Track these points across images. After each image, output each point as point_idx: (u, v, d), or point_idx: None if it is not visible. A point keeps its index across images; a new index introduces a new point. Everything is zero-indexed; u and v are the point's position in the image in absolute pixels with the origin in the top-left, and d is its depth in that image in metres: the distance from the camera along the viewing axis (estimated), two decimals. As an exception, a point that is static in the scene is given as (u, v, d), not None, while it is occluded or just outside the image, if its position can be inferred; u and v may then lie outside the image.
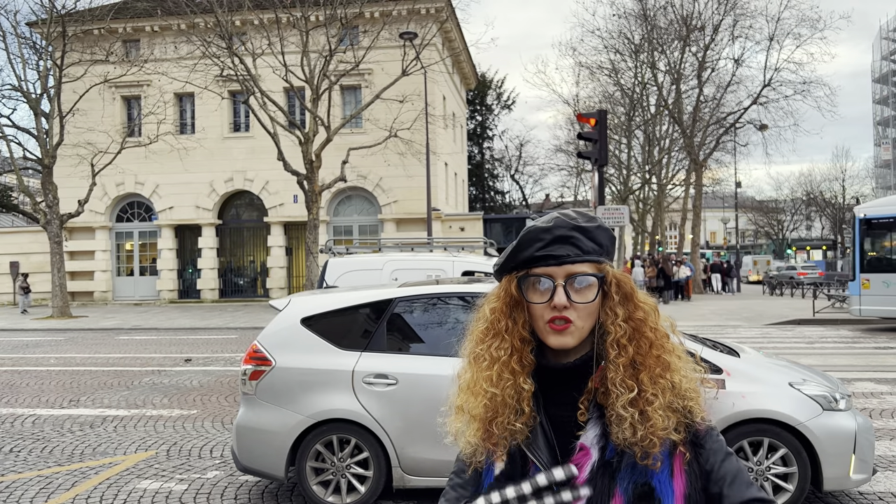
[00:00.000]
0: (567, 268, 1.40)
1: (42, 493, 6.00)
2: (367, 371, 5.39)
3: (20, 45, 25.91)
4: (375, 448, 5.32)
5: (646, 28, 36.56)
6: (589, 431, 1.39)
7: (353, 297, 5.79)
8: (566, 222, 1.43)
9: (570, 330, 1.39)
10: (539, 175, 58.95)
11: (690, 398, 1.40)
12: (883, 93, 66.45)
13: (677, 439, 1.37)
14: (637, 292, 1.46)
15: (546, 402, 1.45)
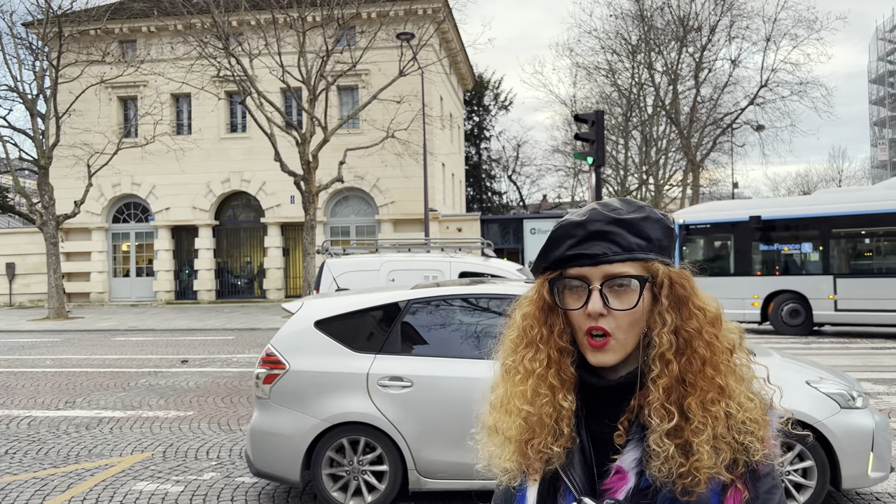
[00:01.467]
0: (604, 268, 1.20)
1: (37, 495, 5.97)
2: (381, 373, 5.37)
3: (16, 46, 25.87)
4: (391, 451, 5.30)
5: (643, 29, 36.61)
6: (628, 453, 1.20)
7: (367, 300, 5.77)
8: (603, 215, 1.23)
9: (609, 345, 1.20)
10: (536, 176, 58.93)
11: (750, 431, 1.16)
12: (879, 93, 66.59)
13: (727, 479, 1.15)
14: (696, 296, 1.23)
15: (588, 417, 1.26)
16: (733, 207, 19.05)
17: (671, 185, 43.83)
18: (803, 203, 18.59)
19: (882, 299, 16.00)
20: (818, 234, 17.06)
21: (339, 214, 32.55)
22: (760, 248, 17.74)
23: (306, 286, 23.46)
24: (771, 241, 17.72)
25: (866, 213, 16.57)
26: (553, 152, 51.00)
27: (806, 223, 17.31)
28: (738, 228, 17.87)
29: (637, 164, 43.81)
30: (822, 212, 17.05)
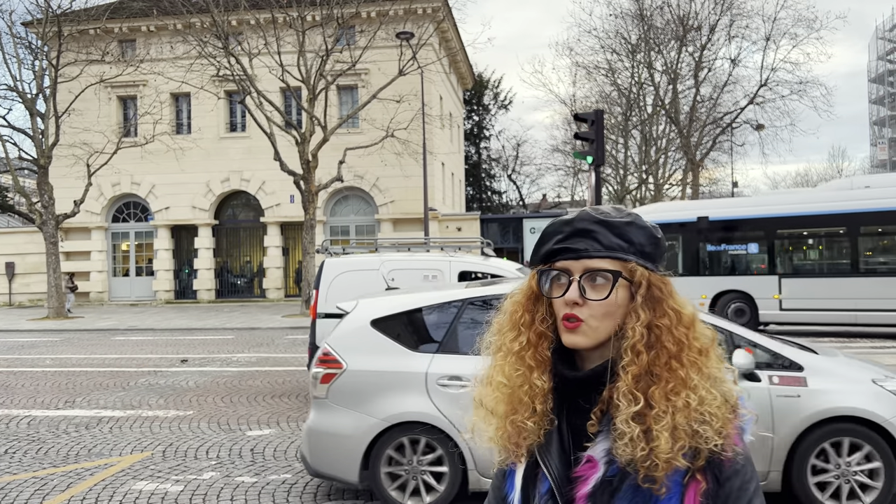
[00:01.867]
0: (585, 262, 1.31)
1: (37, 494, 5.97)
2: (440, 373, 5.33)
3: (15, 45, 25.86)
4: (451, 451, 5.24)
5: (642, 28, 36.61)
6: (599, 443, 1.29)
7: (423, 299, 5.76)
8: (590, 215, 1.35)
9: (581, 329, 1.30)
10: (536, 175, 58.79)
11: (710, 423, 1.24)
12: (879, 93, 66.60)
13: (682, 466, 1.23)
14: (672, 298, 1.33)
15: (569, 409, 1.36)
16: (682, 208, 19.37)
17: (671, 185, 43.83)
18: (749, 204, 18.88)
19: (826, 299, 16.31)
20: (764, 234, 17.35)
21: (338, 214, 32.55)
22: (708, 249, 18.03)
23: (306, 286, 23.47)
24: (718, 241, 17.94)
25: (810, 214, 16.97)
26: (553, 151, 51.02)
27: (752, 224, 17.52)
28: (686, 229, 18.08)
29: (637, 164, 43.81)
30: (767, 213, 17.37)
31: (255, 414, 8.94)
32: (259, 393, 10.36)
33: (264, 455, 7.04)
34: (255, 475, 6.38)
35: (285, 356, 14.59)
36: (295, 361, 13.73)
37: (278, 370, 12.61)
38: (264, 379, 11.63)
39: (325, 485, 6.06)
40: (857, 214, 16.35)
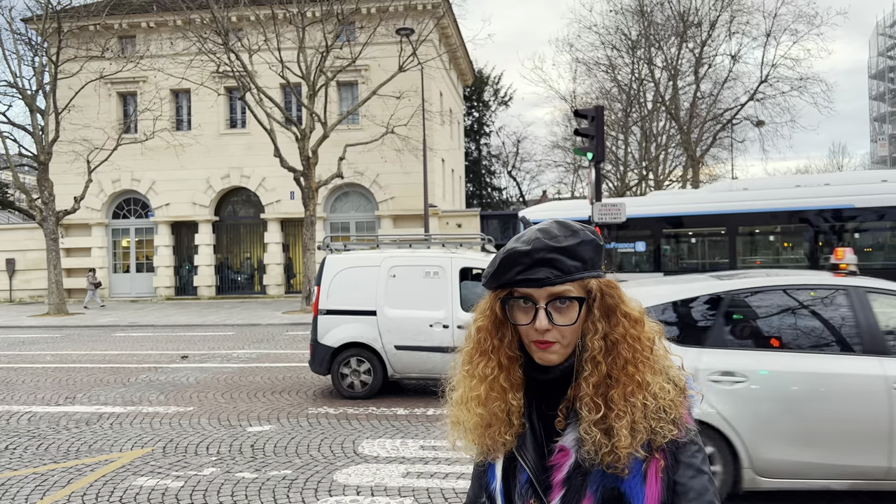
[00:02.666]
0: (548, 289, 1.40)
1: (38, 490, 5.99)
2: (710, 368, 5.11)
3: (15, 42, 25.82)
4: (723, 448, 5.05)
5: (643, 24, 36.57)
6: (569, 434, 1.42)
7: (683, 291, 5.57)
8: (545, 244, 1.41)
9: (554, 349, 1.42)
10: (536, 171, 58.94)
11: (662, 417, 1.38)
12: (879, 89, 66.50)
13: (641, 455, 1.37)
14: (623, 303, 1.45)
15: (537, 405, 1.49)
16: (575, 207, 19.66)
17: (671, 181, 43.81)
18: (638, 204, 19.27)
19: None
20: (650, 233, 18.11)
21: (338, 210, 32.53)
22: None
23: (307, 282, 23.48)
24: (608, 239, 18.35)
25: (693, 213, 17.80)
26: (553, 148, 51.03)
27: (639, 223, 17.95)
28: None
29: (637, 160, 43.80)
30: (653, 212, 18.03)
31: (255, 410, 8.95)
32: (259, 389, 10.38)
33: (264, 451, 7.05)
34: (255, 471, 6.39)
35: (285, 352, 14.60)
36: (295, 358, 13.74)
37: (278, 366, 12.63)
38: (264, 375, 11.65)
39: (326, 481, 6.07)
40: (736, 215, 17.25)
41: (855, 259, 5.77)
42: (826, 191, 17.01)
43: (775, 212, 17.09)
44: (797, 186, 17.57)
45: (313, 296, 10.09)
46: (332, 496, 5.72)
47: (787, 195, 17.16)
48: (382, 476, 6.14)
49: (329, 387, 10.38)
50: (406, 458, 6.65)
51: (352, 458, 6.73)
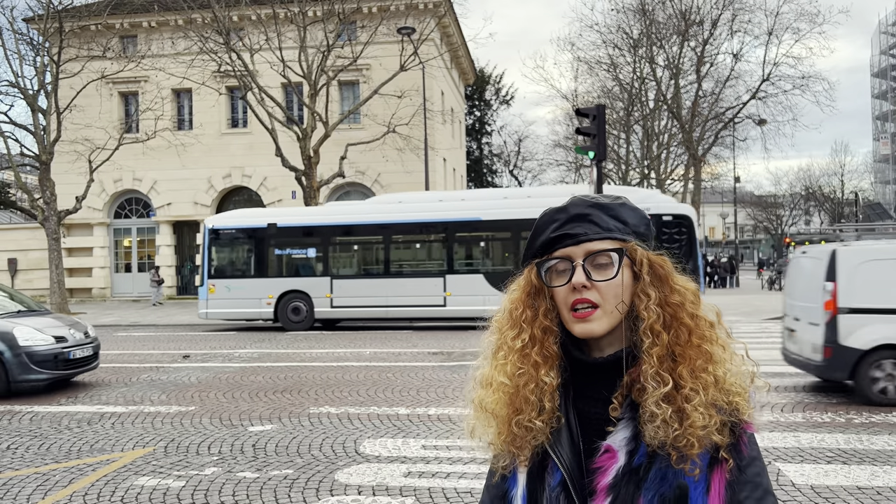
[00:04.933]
0: (586, 246, 1.28)
1: (39, 489, 5.98)
2: None
3: (17, 41, 25.83)
4: None
5: (644, 23, 36.51)
6: (619, 432, 1.25)
7: None
8: (583, 200, 1.32)
9: (594, 315, 1.26)
10: (538, 170, 58.74)
11: (737, 394, 1.25)
12: (882, 87, 66.38)
13: (719, 441, 1.22)
14: (674, 275, 1.31)
15: (576, 396, 1.32)
16: (256, 215, 21.05)
17: (673, 180, 43.78)
18: (312, 213, 21.05)
19: (366, 297, 18.94)
20: (320, 240, 19.56)
21: (340, 209, 32.52)
22: (275, 253, 19.91)
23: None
24: (284, 246, 19.84)
25: (355, 223, 19.61)
26: (554, 147, 51.01)
27: (311, 231, 19.67)
28: (258, 234, 19.91)
29: (639, 159, 43.76)
30: (323, 221, 19.75)
31: (256, 409, 8.94)
32: (261, 389, 10.37)
33: (266, 450, 7.04)
34: (256, 471, 6.38)
35: (287, 352, 14.61)
36: (297, 357, 13.75)
37: (280, 366, 12.63)
38: (266, 375, 11.65)
39: (327, 480, 6.06)
40: (390, 225, 19.17)
41: None
42: (462, 205, 19.31)
43: (422, 222, 19.14)
44: (440, 201, 19.92)
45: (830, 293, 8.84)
46: (333, 496, 5.71)
47: (433, 208, 19.32)
48: (384, 476, 6.13)
49: (329, 386, 10.38)
50: (408, 458, 6.64)
51: (353, 457, 6.72)
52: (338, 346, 15.72)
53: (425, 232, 19.40)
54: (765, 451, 6.53)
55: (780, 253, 68.77)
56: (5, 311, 10.66)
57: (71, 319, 11.18)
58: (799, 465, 6.14)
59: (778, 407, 8.38)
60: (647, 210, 17.51)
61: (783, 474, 5.91)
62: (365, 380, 10.89)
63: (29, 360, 9.83)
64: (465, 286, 18.61)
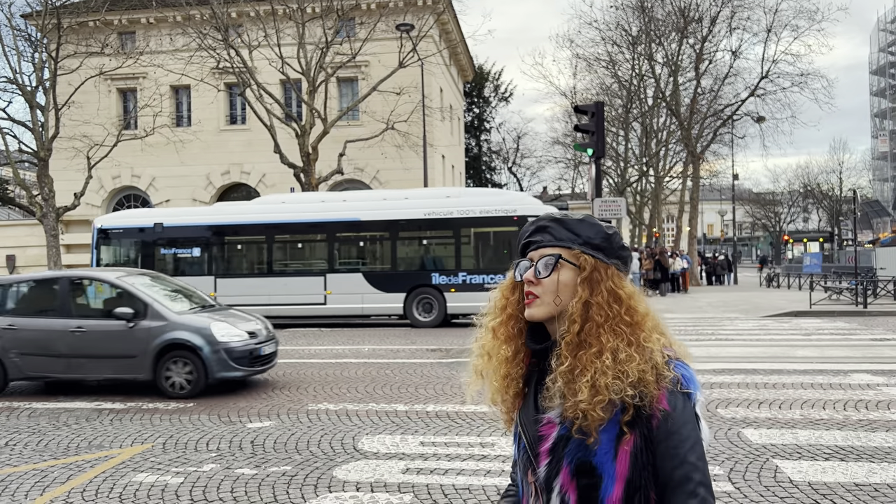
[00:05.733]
0: (541, 251, 1.62)
1: (37, 486, 5.99)
2: None
3: (15, 37, 25.77)
4: None
5: (643, 20, 36.49)
6: (557, 407, 1.55)
7: None
8: (549, 215, 1.67)
9: (536, 303, 1.59)
10: (536, 167, 58.77)
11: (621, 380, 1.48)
12: (880, 85, 66.40)
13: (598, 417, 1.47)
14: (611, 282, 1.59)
15: (541, 377, 1.62)
16: (144, 215, 21.41)
17: (671, 177, 43.80)
18: (197, 213, 21.39)
19: (250, 295, 18.96)
20: (205, 240, 19.96)
21: (339, 206, 32.50)
22: (162, 252, 20.28)
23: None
24: (170, 245, 20.24)
25: (239, 223, 19.89)
26: (553, 144, 50.98)
27: (196, 230, 20.02)
28: (145, 233, 20.23)
29: (637, 156, 43.76)
30: (207, 221, 20.13)
31: (255, 406, 8.95)
32: (259, 385, 10.38)
33: (264, 447, 7.05)
34: (255, 467, 6.39)
35: (285, 348, 14.60)
36: (295, 353, 13.76)
37: (278, 362, 12.61)
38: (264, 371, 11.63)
39: (325, 477, 6.07)
40: (273, 225, 19.50)
41: None
42: (343, 206, 19.68)
43: (304, 222, 19.54)
44: (322, 202, 20.24)
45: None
46: (331, 492, 5.71)
47: (315, 209, 19.64)
48: (382, 472, 6.13)
49: (328, 382, 10.38)
50: (406, 455, 6.64)
51: (351, 454, 6.72)
52: (336, 342, 15.72)
53: (307, 232, 19.80)
54: (762, 448, 6.54)
55: (779, 250, 68.88)
56: (190, 306, 10.41)
57: (250, 315, 10.95)
58: (796, 462, 6.15)
59: (776, 404, 8.39)
60: (515, 212, 18.30)
61: (781, 471, 5.92)
62: (363, 376, 10.89)
63: (227, 357, 9.56)
64: (346, 285, 19.06)
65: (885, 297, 23.53)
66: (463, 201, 19.02)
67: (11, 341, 9.86)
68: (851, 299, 21.85)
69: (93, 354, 9.69)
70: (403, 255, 19.43)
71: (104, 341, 9.65)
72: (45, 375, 9.98)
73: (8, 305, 10.32)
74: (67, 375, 9.90)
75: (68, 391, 10.21)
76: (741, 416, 7.81)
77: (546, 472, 1.54)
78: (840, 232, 64.56)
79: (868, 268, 32.41)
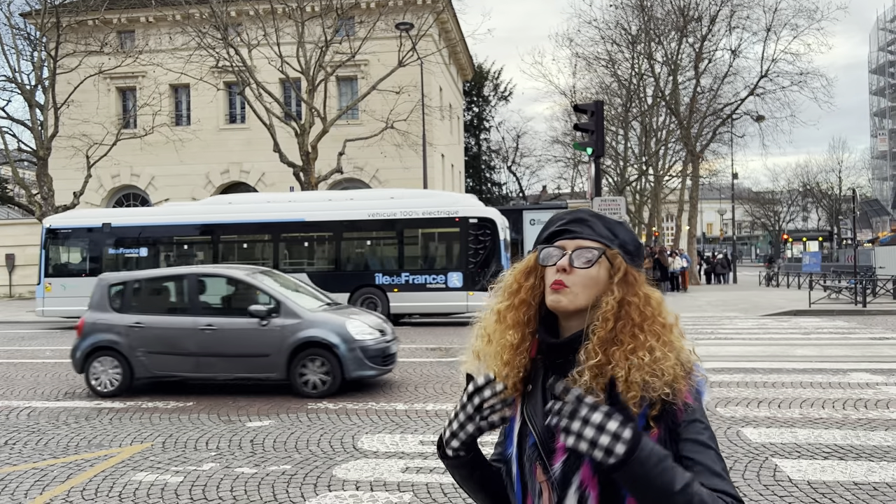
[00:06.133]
0: (578, 242, 1.56)
1: (37, 485, 5.99)
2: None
3: (14, 36, 25.78)
4: None
5: (643, 19, 36.48)
6: None
7: None
8: (589, 210, 1.62)
9: (563, 291, 1.53)
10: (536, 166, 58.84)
11: (659, 377, 1.46)
12: (879, 84, 66.41)
13: (634, 412, 1.45)
14: (644, 285, 1.57)
15: (550, 370, 1.58)
16: (93, 215, 21.47)
17: (671, 176, 43.78)
18: (146, 213, 21.59)
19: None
20: (153, 240, 20.15)
21: (338, 205, 32.50)
22: (110, 252, 20.36)
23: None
24: (118, 245, 20.34)
25: (186, 223, 20.11)
26: (553, 143, 50.97)
27: (144, 231, 20.26)
28: (93, 234, 20.33)
29: (637, 155, 43.76)
30: (154, 221, 20.40)
31: (254, 405, 8.95)
32: (259, 384, 10.38)
33: (264, 446, 7.05)
34: (254, 466, 6.39)
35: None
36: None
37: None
38: (264, 370, 11.61)
39: (325, 476, 6.07)
40: (219, 225, 19.76)
41: None
42: (288, 206, 19.92)
43: (250, 223, 19.76)
44: (269, 202, 20.61)
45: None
46: (331, 491, 5.72)
47: (261, 209, 19.93)
48: (382, 471, 6.13)
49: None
50: (405, 454, 6.65)
51: (351, 453, 6.73)
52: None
53: (253, 232, 20.00)
54: (762, 447, 6.55)
55: (778, 249, 68.88)
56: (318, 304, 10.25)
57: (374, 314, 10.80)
58: (796, 461, 6.15)
59: (775, 403, 8.40)
60: (456, 213, 18.47)
61: (780, 470, 5.93)
62: (363, 375, 10.88)
63: (363, 355, 9.37)
64: None
65: (884, 295, 23.54)
66: (406, 203, 19.26)
67: (138, 340, 9.64)
68: (851, 298, 21.86)
69: (224, 353, 9.45)
70: (348, 255, 19.64)
71: (236, 340, 9.41)
72: (173, 374, 9.74)
73: (133, 303, 10.06)
74: (196, 374, 9.68)
75: (66, 390, 10.21)
76: (740, 415, 7.81)
77: (563, 468, 1.49)
78: (839, 231, 64.57)
79: (867, 267, 32.44)
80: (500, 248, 18.37)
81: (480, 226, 18.50)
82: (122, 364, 9.66)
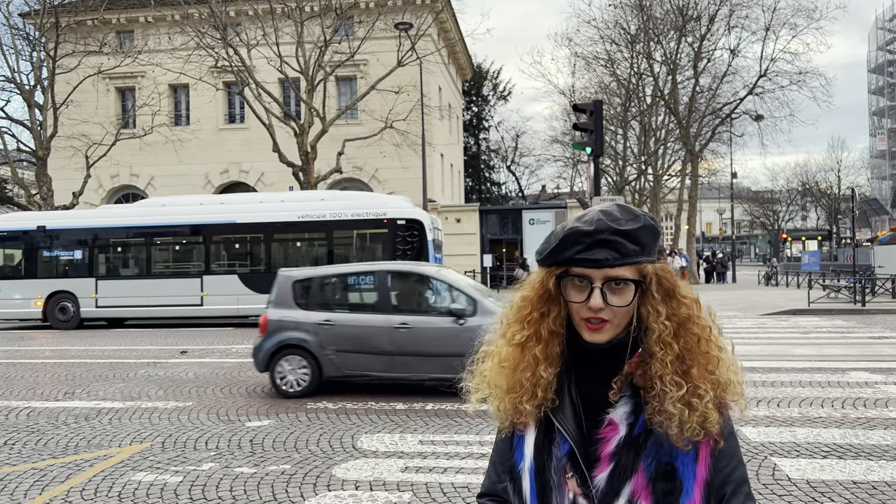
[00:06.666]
0: (606, 271, 1.41)
1: (36, 485, 5.99)
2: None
3: (13, 37, 25.77)
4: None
5: (642, 18, 36.48)
6: (620, 408, 1.43)
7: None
8: (608, 226, 1.42)
9: (605, 328, 1.42)
10: (535, 166, 58.70)
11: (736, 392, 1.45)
12: (878, 83, 66.42)
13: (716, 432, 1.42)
14: (679, 287, 1.47)
15: (578, 378, 1.49)
16: (29, 218, 21.65)
17: (670, 176, 43.77)
18: (81, 216, 21.63)
19: (130, 297, 19.67)
20: (87, 242, 20.22)
21: (337, 205, 32.49)
22: (45, 255, 20.49)
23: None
24: (53, 247, 20.47)
25: (119, 226, 20.29)
26: (552, 142, 50.91)
27: (79, 233, 20.28)
28: (28, 236, 20.47)
29: (636, 155, 43.74)
30: (88, 224, 20.41)
31: (254, 405, 8.95)
32: (258, 384, 10.37)
33: (263, 446, 7.05)
34: (254, 466, 6.39)
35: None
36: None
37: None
38: (263, 370, 11.62)
39: (325, 475, 6.07)
40: (152, 228, 19.99)
41: None
42: (220, 208, 20.17)
43: (182, 225, 20.00)
44: (201, 204, 20.81)
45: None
46: (330, 490, 5.72)
47: (193, 211, 20.12)
48: (381, 471, 6.14)
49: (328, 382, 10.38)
50: (405, 453, 6.65)
51: (351, 452, 6.73)
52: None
53: (185, 234, 20.24)
54: (761, 446, 6.55)
55: (777, 249, 68.90)
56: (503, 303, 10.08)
57: None
58: (795, 460, 6.16)
59: (774, 402, 8.40)
60: (385, 215, 18.64)
61: (779, 469, 5.93)
62: (362, 375, 10.88)
63: None
64: (221, 286, 19.47)
65: (883, 295, 23.55)
66: (336, 204, 19.43)
67: (328, 338, 9.29)
68: (850, 297, 21.87)
69: (420, 353, 9.02)
70: (278, 256, 19.77)
71: (433, 339, 8.98)
72: (364, 374, 9.35)
73: (322, 300, 9.74)
74: (389, 374, 9.27)
75: (66, 389, 10.21)
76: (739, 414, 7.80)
77: (609, 478, 1.40)
78: (838, 230, 64.58)
79: (866, 266, 32.45)
80: (428, 248, 18.64)
81: (408, 227, 18.75)
82: (311, 363, 9.34)
